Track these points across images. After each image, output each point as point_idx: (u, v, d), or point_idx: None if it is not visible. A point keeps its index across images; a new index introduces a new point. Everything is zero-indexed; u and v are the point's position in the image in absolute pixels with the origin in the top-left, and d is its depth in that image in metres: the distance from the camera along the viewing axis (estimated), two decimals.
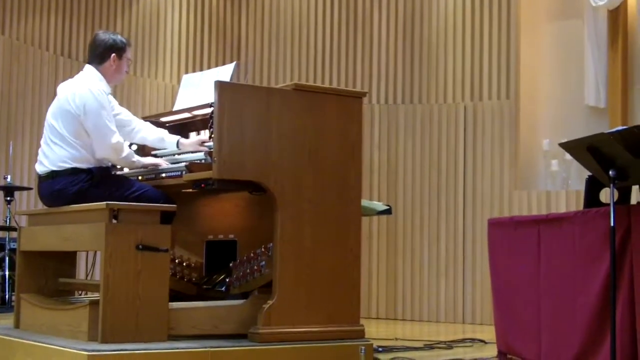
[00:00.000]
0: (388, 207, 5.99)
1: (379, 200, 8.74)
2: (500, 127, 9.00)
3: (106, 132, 4.94)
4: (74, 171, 4.96)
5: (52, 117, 5.11)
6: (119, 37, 5.26)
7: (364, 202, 5.47)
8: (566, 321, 4.82)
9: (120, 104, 5.50)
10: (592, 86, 8.54)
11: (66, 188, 4.95)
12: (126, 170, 5.44)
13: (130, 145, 5.33)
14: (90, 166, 4.99)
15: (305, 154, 4.85)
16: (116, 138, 4.96)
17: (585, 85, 8.60)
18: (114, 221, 4.52)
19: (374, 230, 9.43)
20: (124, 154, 5.01)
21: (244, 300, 4.87)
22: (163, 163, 5.19)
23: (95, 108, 4.94)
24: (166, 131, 5.45)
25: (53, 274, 5.34)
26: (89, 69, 5.18)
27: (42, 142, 5.18)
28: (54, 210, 5.05)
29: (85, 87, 5.01)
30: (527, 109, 9.00)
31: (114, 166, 5.38)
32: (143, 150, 5.58)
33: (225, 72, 5.40)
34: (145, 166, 5.18)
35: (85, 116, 4.94)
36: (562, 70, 8.97)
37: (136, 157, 5.14)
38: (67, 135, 4.98)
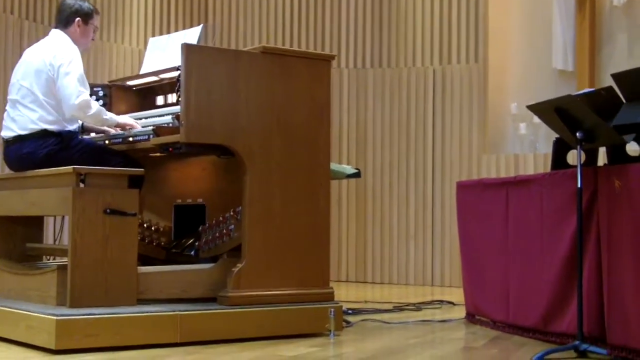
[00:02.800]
0: (357, 171, 5.99)
1: (348, 164, 8.73)
2: (469, 90, 9.02)
3: (71, 91, 4.88)
4: (43, 134, 4.92)
5: (22, 79, 5.05)
6: (87, 3, 5.28)
7: (333, 166, 5.47)
8: (534, 282, 4.86)
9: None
10: (560, 49, 8.57)
11: (35, 151, 4.92)
12: (93, 134, 5.40)
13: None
14: (60, 129, 4.95)
15: (273, 117, 4.83)
16: (82, 97, 4.90)
17: (553, 49, 8.62)
18: (81, 185, 4.49)
19: (343, 193, 9.44)
20: (92, 111, 4.95)
21: (213, 264, 4.86)
22: (137, 125, 5.14)
23: (67, 67, 4.91)
24: None
25: (20, 239, 5.31)
26: (56, 33, 5.16)
27: (7, 107, 5.12)
28: (20, 174, 5.00)
29: (61, 47, 5.00)
30: (496, 73, 9.02)
31: (84, 130, 5.35)
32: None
33: (192, 35, 5.36)
34: (119, 125, 5.14)
35: (57, 76, 4.91)
36: (530, 34, 8.99)
37: (109, 115, 5.10)
38: (40, 96, 4.95)
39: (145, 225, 5.39)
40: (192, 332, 4.43)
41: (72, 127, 5.06)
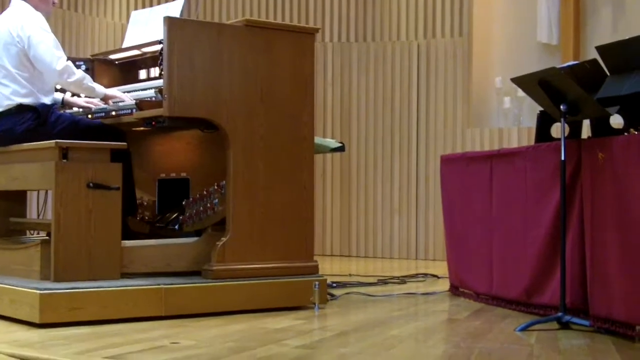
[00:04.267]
0: (341, 145, 5.99)
1: (332, 138, 8.73)
2: (453, 64, 9.01)
3: (50, 59, 4.88)
4: (19, 109, 4.89)
5: None
6: None
7: (317, 140, 5.46)
8: (517, 254, 4.88)
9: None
10: (544, 23, 8.56)
11: (13, 128, 4.89)
12: (75, 109, 5.37)
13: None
14: (36, 102, 4.92)
15: (257, 91, 4.81)
16: (62, 62, 4.90)
17: (538, 23, 8.61)
18: (64, 160, 4.46)
19: (327, 167, 9.44)
20: (75, 77, 4.93)
21: (198, 237, 4.86)
22: (126, 98, 5.10)
23: (38, 36, 4.89)
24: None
25: (3, 214, 5.31)
26: (18, 3, 5.10)
27: None
28: (2, 150, 4.97)
29: (26, 17, 4.96)
30: (480, 47, 9.01)
31: (64, 104, 5.31)
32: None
33: (174, 8, 5.33)
34: (107, 97, 5.11)
35: (29, 47, 4.88)
36: (515, 8, 8.97)
37: (95, 85, 5.07)
38: (12, 70, 4.92)
39: None
40: (177, 306, 4.43)
41: (48, 100, 5.02)
